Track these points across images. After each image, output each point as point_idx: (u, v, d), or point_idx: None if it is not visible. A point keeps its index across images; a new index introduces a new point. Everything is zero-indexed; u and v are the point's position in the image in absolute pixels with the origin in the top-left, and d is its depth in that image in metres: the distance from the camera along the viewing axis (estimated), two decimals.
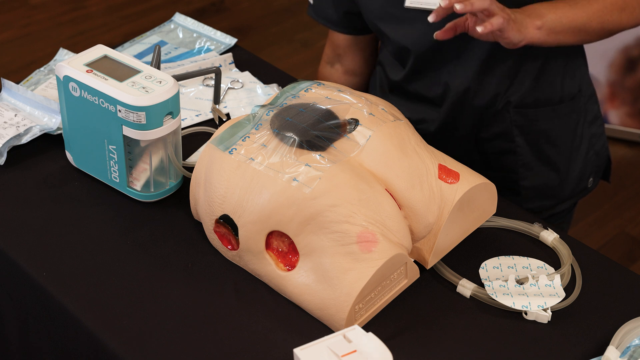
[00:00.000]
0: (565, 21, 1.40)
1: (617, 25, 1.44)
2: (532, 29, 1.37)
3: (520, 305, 1.16)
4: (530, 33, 1.37)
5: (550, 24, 1.38)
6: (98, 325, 1.13)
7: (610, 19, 1.43)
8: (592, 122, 1.65)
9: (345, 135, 1.21)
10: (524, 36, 1.36)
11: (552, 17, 1.39)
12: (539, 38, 1.38)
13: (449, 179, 1.21)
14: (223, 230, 1.20)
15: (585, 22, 1.41)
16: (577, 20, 1.41)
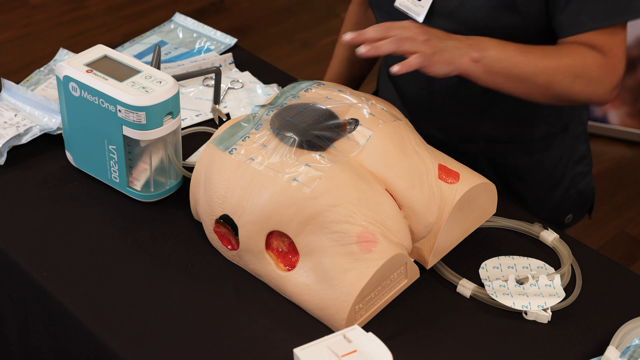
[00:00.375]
0: (507, 64, 1.29)
1: (567, 92, 1.33)
2: (467, 60, 1.27)
3: (520, 305, 1.16)
4: (464, 63, 1.27)
5: (490, 62, 1.28)
6: (98, 325, 1.13)
7: (560, 81, 1.32)
8: (578, 162, 1.61)
9: (345, 135, 1.21)
10: (455, 67, 1.26)
11: (494, 55, 1.28)
12: (473, 72, 1.28)
13: (449, 179, 1.21)
14: (223, 230, 1.20)
15: (531, 75, 1.31)
16: (522, 69, 1.30)
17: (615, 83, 1.36)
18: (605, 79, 1.35)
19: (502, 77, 1.30)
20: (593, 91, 1.35)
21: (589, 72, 1.33)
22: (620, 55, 1.36)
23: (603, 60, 1.34)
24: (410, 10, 1.41)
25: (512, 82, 1.31)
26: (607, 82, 1.35)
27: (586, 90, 1.34)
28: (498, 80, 1.30)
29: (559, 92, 1.33)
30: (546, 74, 1.31)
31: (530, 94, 1.34)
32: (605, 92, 1.36)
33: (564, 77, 1.32)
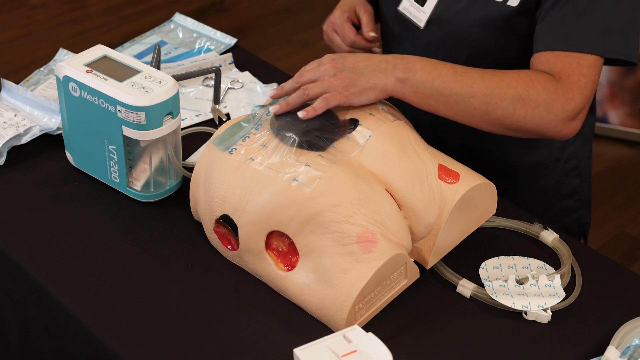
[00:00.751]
0: (437, 85, 1.21)
1: (509, 117, 1.22)
2: (393, 80, 1.21)
3: (520, 305, 1.16)
4: (389, 85, 1.21)
5: (418, 81, 1.21)
6: (98, 325, 1.13)
7: (498, 103, 1.21)
8: (567, 196, 1.55)
9: (345, 135, 1.21)
10: (379, 90, 1.20)
11: (422, 75, 1.21)
12: (402, 93, 1.22)
13: (448, 179, 1.21)
14: (223, 230, 1.20)
15: (464, 96, 1.21)
16: (454, 89, 1.21)
17: (570, 112, 1.23)
18: (555, 105, 1.22)
19: (433, 99, 1.22)
20: (539, 117, 1.22)
21: (534, 96, 1.22)
22: (581, 84, 1.23)
23: (555, 85, 1.23)
24: (412, 15, 1.41)
25: (445, 104, 1.22)
26: (559, 109, 1.22)
27: (531, 116, 1.22)
28: (431, 102, 1.22)
29: (500, 118, 1.23)
30: (482, 96, 1.21)
31: (470, 119, 1.24)
32: (556, 120, 1.23)
33: (502, 99, 1.22)
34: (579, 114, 1.25)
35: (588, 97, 1.25)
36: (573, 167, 1.53)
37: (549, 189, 1.48)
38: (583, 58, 1.25)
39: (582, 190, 1.56)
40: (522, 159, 1.49)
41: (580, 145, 1.53)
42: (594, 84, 1.26)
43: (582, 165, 1.55)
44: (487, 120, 1.23)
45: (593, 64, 1.25)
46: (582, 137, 1.52)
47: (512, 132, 1.26)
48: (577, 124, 1.25)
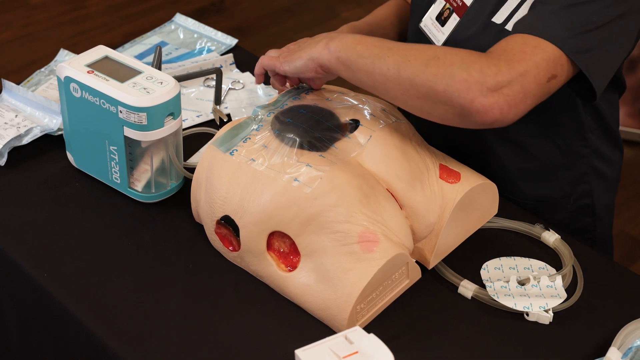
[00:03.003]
0: (360, 49, 1.16)
1: (419, 74, 1.11)
2: (321, 47, 1.19)
3: (522, 306, 1.16)
4: (316, 52, 1.19)
5: (342, 47, 1.17)
6: (98, 326, 1.13)
7: (412, 62, 1.12)
8: (575, 233, 1.46)
9: (346, 135, 1.21)
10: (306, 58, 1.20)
11: (348, 41, 1.18)
12: (327, 59, 1.18)
13: (450, 179, 1.21)
14: (224, 231, 1.20)
15: (381, 57, 1.14)
16: (373, 52, 1.15)
17: (489, 77, 1.08)
18: (472, 65, 1.09)
19: (353, 62, 1.16)
20: (450, 75, 1.08)
21: (451, 55, 1.11)
22: (515, 58, 1.10)
23: (481, 53, 1.12)
24: (432, 33, 1.38)
25: (364, 68, 1.15)
26: (475, 70, 1.08)
27: (442, 74, 1.09)
28: (352, 68, 1.17)
29: (411, 76, 1.11)
30: (398, 55, 1.13)
31: (385, 84, 1.14)
32: (470, 80, 1.07)
33: (417, 57, 1.12)
34: (502, 87, 1.08)
35: (520, 73, 1.09)
36: (585, 206, 1.45)
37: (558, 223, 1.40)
38: (532, 39, 1.12)
39: (594, 230, 1.48)
40: (531, 191, 1.44)
41: (597, 184, 1.44)
42: (536, 67, 1.10)
43: (597, 205, 1.46)
44: (399, 82, 1.12)
45: (542, 47, 1.11)
46: (600, 176, 1.44)
47: (425, 100, 1.11)
48: (499, 100, 1.08)
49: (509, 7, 1.27)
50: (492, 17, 1.29)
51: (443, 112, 1.12)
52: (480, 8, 1.31)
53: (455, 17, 1.34)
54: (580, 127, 1.38)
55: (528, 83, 1.09)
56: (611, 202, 1.52)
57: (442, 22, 1.36)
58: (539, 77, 1.10)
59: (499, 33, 1.27)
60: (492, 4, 1.29)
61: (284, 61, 1.25)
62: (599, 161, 1.42)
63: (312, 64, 1.21)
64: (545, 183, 1.43)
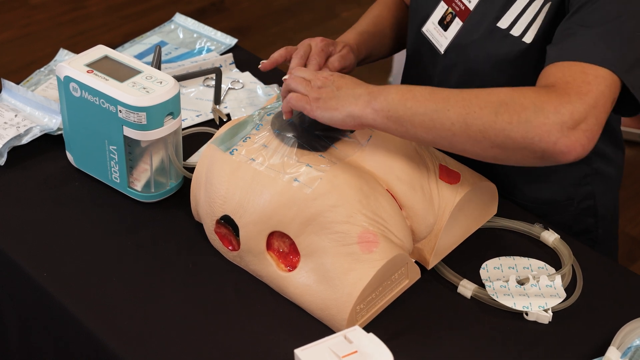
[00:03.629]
0: (411, 105, 1.10)
1: (491, 125, 1.07)
2: (363, 106, 1.12)
3: (521, 305, 1.16)
4: (358, 110, 1.12)
5: (390, 105, 1.11)
6: (98, 326, 1.13)
7: (478, 113, 1.08)
8: (578, 234, 1.45)
9: (346, 135, 1.21)
10: (345, 114, 1.13)
11: (395, 98, 1.11)
12: (374, 119, 1.12)
13: (450, 180, 1.21)
14: (224, 231, 1.20)
15: (440, 111, 1.09)
16: (429, 107, 1.10)
17: (566, 116, 1.06)
18: (546, 106, 1.06)
19: (408, 120, 1.11)
20: (526, 121, 1.06)
21: (519, 99, 1.08)
22: (582, 90, 1.08)
23: (547, 90, 1.09)
24: (434, 38, 1.37)
25: (421, 125, 1.11)
26: (551, 111, 1.06)
27: (517, 121, 1.06)
28: (406, 126, 1.11)
29: (482, 129, 1.08)
30: (459, 107, 1.09)
31: (451, 139, 1.10)
32: (548, 124, 1.05)
33: (482, 107, 1.08)
34: (580, 123, 1.06)
35: (592, 106, 1.07)
36: (588, 207, 1.44)
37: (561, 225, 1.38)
38: (589, 68, 1.10)
39: (596, 230, 1.47)
40: (534, 194, 1.43)
41: (600, 185, 1.44)
42: (603, 95, 1.09)
43: (599, 205, 1.45)
44: (469, 135, 1.09)
45: (602, 75, 1.10)
46: (603, 177, 1.43)
47: (501, 148, 1.09)
48: (580, 136, 1.06)
49: (514, 12, 1.26)
50: (497, 22, 1.28)
51: (521, 157, 1.10)
52: (484, 12, 1.30)
53: (458, 22, 1.33)
54: None
55: (600, 113, 1.09)
56: (614, 202, 1.51)
57: (445, 27, 1.35)
58: (607, 106, 1.10)
59: (504, 38, 1.27)
60: (497, 8, 1.28)
61: (317, 107, 1.15)
62: (602, 162, 1.42)
63: (351, 122, 1.14)
64: (548, 185, 1.43)
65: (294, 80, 1.19)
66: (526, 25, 1.25)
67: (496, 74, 1.30)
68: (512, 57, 1.27)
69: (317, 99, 1.16)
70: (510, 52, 1.27)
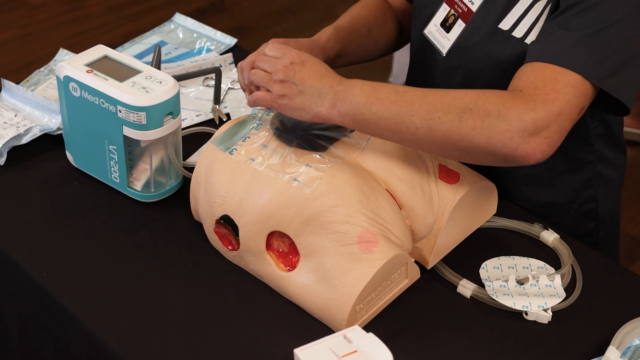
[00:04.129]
0: (376, 109, 1.11)
1: (455, 131, 1.08)
2: (328, 108, 1.13)
3: (521, 305, 1.16)
4: (324, 112, 1.13)
5: (355, 108, 1.11)
6: (98, 325, 1.13)
7: (442, 119, 1.08)
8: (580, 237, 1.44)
9: (345, 135, 1.21)
10: (313, 114, 1.14)
11: (360, 101, 1.11)
12: (340, 121, 1.13)
13: (449, 180, 1.21)
14: (223, 231, 1.20)
15: (405, 116, 1.09)
16: (394, 111, 1.10)
17: (529, 122, 1.07)
18: (509, 113, 1.07)
19: (373, 124, 1.12)
20: (489, 127, 1.07)
21: (484, 105, 1.08)
22: (549, 97, 1.09)
23: (513, 95, 1.10)
24: (437, 40, 1.36)
25: (387, 128, 1.12)
26: (514, 118, 1.07)
27: (480, 127, 1.07)
28: (372, 128, 1.13)
29: (446, 133, 1.09)
30: (424, 111, 1.09)
31: (416, 142, 1.12)
32: (511, 130, 1.07)
33: (446, 113, 1.09)
34: (542, 130, 1.08)
35: (556, 114, 1.08)
36: (589, 210, 1.45)
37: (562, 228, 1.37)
38: (562, 74, 1.11)
39: (597, 233, 1.47)
40: (535, 198, 1.43)
41: (601, 188, 1.44)
42: (569, 105, 1.10)
43: (600, 208, 1.46)
44: (433, 140, 1.10)
45: (572, 84, 1.11)
46: (604, 181, 1.44)
47: (465, 152, 1.11)
48: (540, 143, 1.08)
49: (516, 14, 1.26)
50: (498, 23, 1.28)
51: (484, 160, 1.13)
52: (486, 14, 1.30)
53: (460, 23, 1.33)
54: (586, 133, 1.38)
55: (563, 122, 1.10)
56: (615, 206, 1.51)
57: (447, 29, 1.35)
58: (572, 115, 1.11)
59: (506, 40, 1.27)
60: (499, 10, 1.28)
61: (284, 106, 1.15)
62: (604, 166, 1.42)
63: (317, 120, 1.15)
64: (550, 189, 1.42)
65: (256, 75, 1.19)
66: (528, 27, 1.25)
67: (498, 75, 1.30)
68: (514, 59, 1.27)
69: (282, 96, 1.15)
70: (512, 53, 1.27)
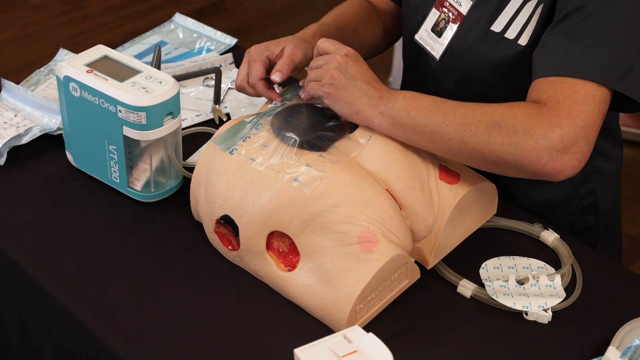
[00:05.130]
0: (415, 114, 1.15)
1: (485, 145, 1.11)
2: (373, 111, 1.17)
3: (521, 305, 1.16)
4: (367, 113, 1.17)
5: (396, 113, 1.16)
6: (98, 325, 1.13)
7: (473, 131, 1.12)
8: (579, 232, 1.45)
9: (345, 135, 1.21)
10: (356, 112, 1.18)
11: (401, 106, 1.16)
12: (380, 124, 1.17)
13: (449, 180, 1.21)
14: (223, 231, 1.20)
15: (439, 124, 1.14)
16: (430, 120, 1.14)
17: (556, 140, 1.09)
18: (536, 131, 1.09)
19: (411, 129, 1.16)
20: (517, 145, 1.09)
21: (511, 122, 1.11)
22: (572, 111, 1.10)
23: (538, 111, 1.11)
24: (429, 45, 1.36)
25: (422, 135, 1.15)
26: (540, 136, 1.09)
27: (508, 143, 1.10)
28: (409, 134, 1.16)
29: (476, 147, 1.12)
30: (457, 124, 1.13)
31: (449, 151, 1.15)
32: (538, 148, 1.09)
33: (477, 126, 1.12)
34: (570, 147, 1.09)
35: (582, 127, 1.10)
36: (589, 204, 1.45)
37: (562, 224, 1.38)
38: (579, 85, 1.12)
39: (597, 227, 1.48)
40: (535, 196, 1.43)
41: (600, 182, 1.45)
42: (592, 115, 1.11)
43: (600, 202, 1.46)
44: (464, 151, 1.14)
45: (591, 93, 1.12)
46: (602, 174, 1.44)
47: (494, 165, 1.14)
48: (570, 159, 1.10)
49: (507, 15, 1.26)
50: (490, 25, 1.28)
51: (514, 173, 1.15)
52: (478, 16, 1.30)
53: (452, 27, 1.33)
54: None
55: (589, 133, 1.11)
56: (615, 198, 1.51)
57: (439, 33, 1.35)
58: (596, 124, 1.12)
59: (499, 42, 1.27)
60: (490, 12, 1.28)
61: (329, 95, 1.19)
62: (601, 160, 1.42)
63: (358, 119, 1.18)
64: (549, 186, 1.42)
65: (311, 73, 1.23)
66: (520, 28, 1.25)
67: (493, 77, 1.30)
68: (507, 60, 1.27)
69: (331, 85, 1.19)
70: (505, 55, 1.27)
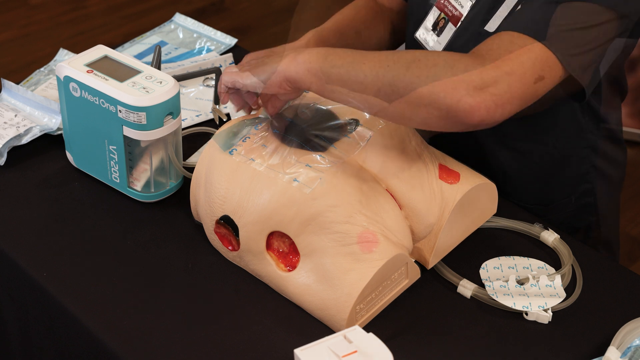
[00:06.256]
0: (332, 58, 1.09)
1: (401, 78, 1.06)
2: (287, 59, 1.12)
3: (521, 305, 1.16)
4: (283, 63, 1.12)
5: (312, 58, 1.10)
6: (98, 325, 1.13)
7: (391, 67, 1.07)
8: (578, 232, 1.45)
9: (345, 135, 1.21)
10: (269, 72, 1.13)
11: (318, 51, 1.11)
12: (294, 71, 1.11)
13: (449, 179, 1.21)
14: (223, 231, 1.20)
15: (356, 64, 1.08)
16: (347, 60, 1.09)
17: (475, 76, 1.04)
18: (457, 64, 1.05)
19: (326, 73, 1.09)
20: (435, 75, 1.04)
21: (432, 57, 1.06)
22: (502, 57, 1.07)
23: (464, 54, 1.09)
24: (427, 44, 1.36)
25: (338, 77, 1.09)
26: (460, 69, 1.04)
27: (425, 74, 1.04)
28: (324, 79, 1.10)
29: (392, 80, 1.06)
30: (375, 61, 1.07)
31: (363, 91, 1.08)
32: (456, 79, 1.04)
33: (395, 62, 1.07)
34: (489, 86, 1.04)
35: (506, 72, 1.05)
36: (588, 204, 1.44)
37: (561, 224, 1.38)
38: (520, 38, 1.08)
39: (598, 229, 1.47)
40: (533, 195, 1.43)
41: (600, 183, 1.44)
42: (522, 66, 1.06)
43: (601, 203, 1.45)
44: (379, 88, 1.06)
45: (530, 49, 1.08)
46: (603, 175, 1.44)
47: (408, 104, 1.06)
48: (486, 99, 1.04)
49: (501, 15, 1.26)
50: (484, 25, 1.27)
51: (426, 115, 1.07)
52: (473, 17, 1.30)
53: (451, 27, 1.33)
54: (578, 128, 1.38)
55: (514, 82, 1.06)
56: (615, 200, 1.51)
57: (439, 32, 1.35)
58: (525, 77, 1.07)
59: None
60: (484, 12, 1.28)
61: (245, 75, 1.15)
62: (601, 160, 1.42)
63: (277, 78, 1.12)
64: (547, 185, 1.42)
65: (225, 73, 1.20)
66: None
67: None
68: None
69: (247, 69, 1.16)
70: None
